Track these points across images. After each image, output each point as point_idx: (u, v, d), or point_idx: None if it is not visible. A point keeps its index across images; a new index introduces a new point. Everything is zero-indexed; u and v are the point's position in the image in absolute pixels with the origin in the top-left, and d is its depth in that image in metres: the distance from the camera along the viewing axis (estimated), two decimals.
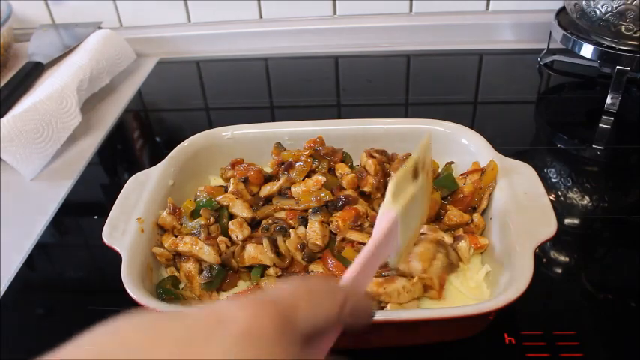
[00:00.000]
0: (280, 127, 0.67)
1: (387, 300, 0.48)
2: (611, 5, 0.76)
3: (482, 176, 0.57)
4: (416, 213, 0.42)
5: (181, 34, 1.10)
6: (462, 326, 0.47)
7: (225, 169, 0.64)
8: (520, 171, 0.57)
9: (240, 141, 0.66)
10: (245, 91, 0.97)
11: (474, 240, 0.53)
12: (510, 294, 0.43)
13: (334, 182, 0.60)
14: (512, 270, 0.46)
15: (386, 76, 0.99)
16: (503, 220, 0.52)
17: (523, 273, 0.44)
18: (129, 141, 0.90)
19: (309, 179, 0.59)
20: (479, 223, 0.56)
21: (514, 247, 0.48)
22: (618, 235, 0.62)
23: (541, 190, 0.54)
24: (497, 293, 0.46)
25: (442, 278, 0.50)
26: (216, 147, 0.66)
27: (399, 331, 0.46)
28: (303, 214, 0.57)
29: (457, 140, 0.63)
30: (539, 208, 0.52)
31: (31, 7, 1.08)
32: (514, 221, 0.51)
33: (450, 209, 0.56)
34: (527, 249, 0.47)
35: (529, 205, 0.52)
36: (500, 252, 0.51)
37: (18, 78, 0.87)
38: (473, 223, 0.56)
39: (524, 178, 0.56)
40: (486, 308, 0.43)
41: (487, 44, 1.03)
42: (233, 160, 0.64)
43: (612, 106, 0.81)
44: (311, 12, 1.07)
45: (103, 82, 0.96)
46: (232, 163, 0.64)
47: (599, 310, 0.53)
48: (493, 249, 0.53)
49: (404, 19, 1.05)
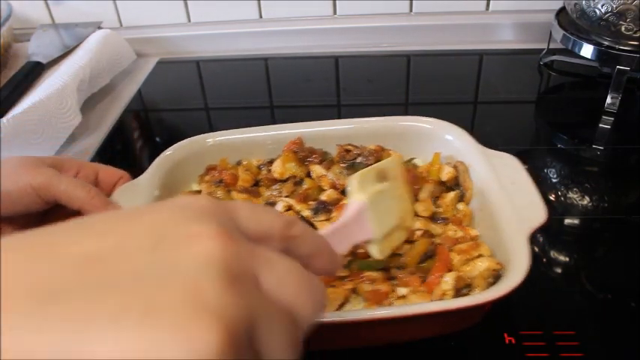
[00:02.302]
0: (262, 131, 0.66)
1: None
2: (611, 5, 0.76)
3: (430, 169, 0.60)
4: (390, 210, 0.46)
5: (181, 34, 1.10)
6: (461, 319, 0.48)
7: (202, 175, 0.64)
8: (505, 162, 0.57)
9: (222, 147, 0.65)
10: (245, 91, 0.97)
11: (464, 230, 0.54)
12: (511, 282, 0.43)
13: (314, 186, 0.60)
14: (507, 259, 0.46)
15: (386, 76, 0.99)
16: (492, 211, 0.52)
17: (520, 261, 0.45)
18: (129, 141, 0.90)
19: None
20: (465, 212, 0.56)
21: (506, 236, 0.48)
22: (618, 235, 0.62)
23: (527, 179, 0.54)
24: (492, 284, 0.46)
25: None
26: (199, 154, 0.65)
27: (391, 326, 0.46)
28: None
29: (441, 136, 0.63)
30: (526, 196, 0.52)
31: (31, 7, 1.08)
32: (503, 210, 0.51)
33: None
34: (521, 237, 0.47)
35: (517, 194, 0.52)
36: (491, 242, 0.52)
37: (18, 78, 0.86)
38: (460, 212, 0.56)
39: (509, 168, 0.56)
40: (492, 297, 0.43)
41: (487, 44, 1.03)
42: (208, 166, 0.64)
43: (612, 106, 0.81)
44: (311, 12, 1.07)
45: (103, 82, 0.96)
46: (207, 168, 0.64)
47: (599, 310, 0.53)
48: (484, 239, 0.53)
49: (404, 19, 1.05)
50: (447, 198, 0.57)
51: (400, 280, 0.50)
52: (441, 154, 0.61)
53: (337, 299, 0.48)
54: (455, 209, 0.57)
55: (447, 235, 0.54)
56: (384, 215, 0.44)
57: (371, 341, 0.49)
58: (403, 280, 0.50)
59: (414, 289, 0.48)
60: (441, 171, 0.60)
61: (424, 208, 0.56)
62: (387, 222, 0.45)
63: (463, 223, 0.55)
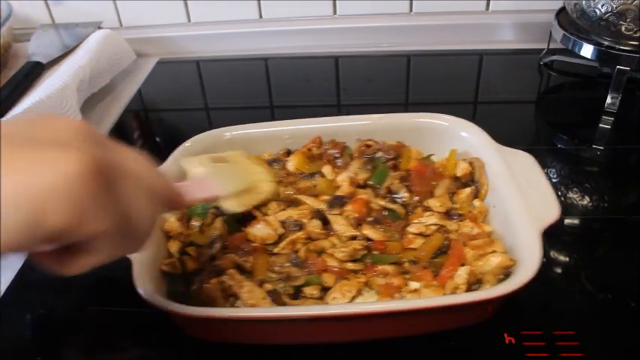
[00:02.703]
0: (280, 125, 0.67)
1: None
2: (611, 5, 0.76)
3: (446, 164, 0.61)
4: (236, 176, 0.52)
5: (181, 34, 1.10)
6: (470, 314, 0.48)
7: None
8: (520, 159, 0.57)
9: (240, 141, 0.66)
10: (245, 91, 0.97)
11: (479, 227, 0.54)
12: (522, 277, 0.44)
13: (328, 184, 0.60)
14: (520, 255, 0.47)
15: (386, 76, 0.99)
16: (506, 207, 0.53)
17: (531, 258, 0.45)
18: (129, 141, 0.90)
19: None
20: (481, 209, 0.56)
21: (519, 233, 0.49)
22: (618, 235, 0.62)
23: (542, 177, 0.54)
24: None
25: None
26: (217, 148, 0.65)
27: (398, 318, 0.47)
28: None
29: (457, 134, 0.63)
30: (541, 193, 0.52)
31: (31, 7, 1.08)
32: (517, 207, 0.51)
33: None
34: (534, 234, 0.47)
35: (531, 191, 0.52)
36: (505, 239, 0.52)
37: (18, 78, 0.86)
38: (475, 209, 0.56)
39: (524, 165, 0.56)
40: (496, 293, 0.43)
41: (487, 44, 1.03)
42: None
43: (612, 106, 0.81)
44: (311, 12, 1.06)
45: (103, 82, 0.96)
46: None
47: (599, 310, 0.53)
48: (497, 236, 0.54)
49: (404, 19, 1.05)
50: (462, 194, 0.58)
51: (413, 274, 0.50)
52: (457, 151, 0.62)
53: (350, 291, 0.49)
54: (470, 205, 0.57)
55: (462, 231, 0.54)
56: (230, 179, 0.50)
57: (377, 334, 0.49)
58: (416, 275, 0.50)
59: (426, 283, 0.49)
60: (456, 167, 0.60)
61: (440, 203, 0.56)
62: (234, 184, 0.50)
63: (478, 219, 0.56)
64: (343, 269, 0.52)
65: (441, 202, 0.56)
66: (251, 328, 0.48)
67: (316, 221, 0.56)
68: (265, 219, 0.56)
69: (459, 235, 0.54)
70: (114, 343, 0.54)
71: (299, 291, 0.51)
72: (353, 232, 0.54)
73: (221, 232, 0.56)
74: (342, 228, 0.54)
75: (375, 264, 0.52)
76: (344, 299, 0.49)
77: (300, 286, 0.51)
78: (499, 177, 0.56)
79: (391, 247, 0.53)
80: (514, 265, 0.48)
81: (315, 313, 0.45)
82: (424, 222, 0.55)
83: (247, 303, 0.49)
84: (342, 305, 0.48)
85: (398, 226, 0.55)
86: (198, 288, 0.51)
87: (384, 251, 0.53)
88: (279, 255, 0.54)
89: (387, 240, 0.54)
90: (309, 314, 0.45)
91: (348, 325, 0.47)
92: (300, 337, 0.50)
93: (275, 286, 0.51)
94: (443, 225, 0.54)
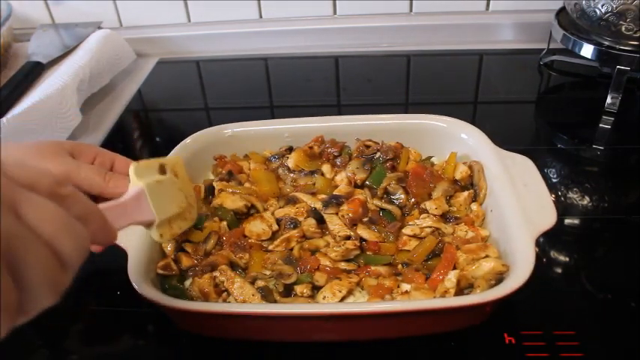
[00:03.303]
0: (280, 123, 0.68)
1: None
2: (611, 5, 0.76)
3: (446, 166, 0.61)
4: (170, 199, 0.49)
5: (181, 34, 1.10)
6: (459, 318, 0.48)
7: (215, 165, 0.65)
8: (519, 163, 0.57)
9: (240, 138, 0.67)
10: (245, 91, 0.97)
11: (475, 231, 0.54)
12: (512, 283, 0.43)
13: (327, 183, 0.61)
14: (513, 261, 0.47)
15: (386, 76, 0.99)
16: (503, 212, 0.52)
17: (523, 264, 0.45)
18: (129, 141, 0.90)
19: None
20: (478, 213, 0.56)
21: (514, 238, 0.48)
22: (618, 235, 0.62)
23: (540, 182, 0.54)
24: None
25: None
26: (217, 144, 0.66)
27: (391, 321, 0.47)
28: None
29: (456, 135, 0.63)
30: (538, 199, 0.52)
31: (31, 7, 1.08)
32: (514, 212, 0.51)
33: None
34: (528, 239, 0.47)
35: (528, 197, 0.52)
36: (500, 243, 0.52)
37: (18, 78, 0.86)
38: (472, 213, 0.56)
39: (523, 170, 0.56)
40: (489, 297, 0.43)
41: (487, 44, 1.03)
42: (216, 156, 0.65)
43: (612, 106, 0.81)
44: (311, 12, 1.06)
45: (102, 82, 0.96)
46: (215, 158, 0.65)
47: (599, 310, 0.53)
48: (493, 240, 0.53)
49: (404, 19, 1.05)
50: (460, 197, 0.57)
51: (405, 276, 0.50)
52: (456, 154, 0.62)
53: (341, 291, 0.49)
54: (468, 209, 0.57)
55: (457, 234, 0.54)
56: (163, 203, 0.47)
57: (367, 334, 0.49)
58: (407, 277, 0.50)
59: (417, 286, 0.49)
60: (455, 169, 0.60)
61: (437, 206, 0.56)
62: (167, 209, 0.48)
63: (475, 223, 0.55)
64: (336, 269, 0.52)
65: (438, 205, 0.56)
66: (240, 323, 0.48)
67: (311, 220, 0.56)
68: (261, 215, 0.56)
69: (453, 238, 0.53)
70: (111, 337, 0.53)
71: (291, 289, 0.51)
72: (347, 232, 0.54)
73: (217, 229, 0.56)
74: (336, 227, 0.55)
75: (368, 264, 0.52)
76: (334, 299, 0.48)
77: (292, 284, 0.51)
78: (497, 181, 0.56)
79: (385, 248, 0.54)
80: (507, 270, 0.47)
81: (300, 312, 0.46)
82: (419, 224, 0.54)
83: (238, 299, 0.49)
84: (329, 305, 0.48)
85: (393, 227, 0.55)
86: (192, 283, 0.52)
87: (378, 252, 0.53)
88: (273, 252, 0.54)
89: (382, 241, 0.54)
90: (294, 312, 0.46)
91: (336, 324, 0.47)
92: (290, 335, 0.50)
93: (267, 283, 0.51)
94: (438, 228, 0.54)
